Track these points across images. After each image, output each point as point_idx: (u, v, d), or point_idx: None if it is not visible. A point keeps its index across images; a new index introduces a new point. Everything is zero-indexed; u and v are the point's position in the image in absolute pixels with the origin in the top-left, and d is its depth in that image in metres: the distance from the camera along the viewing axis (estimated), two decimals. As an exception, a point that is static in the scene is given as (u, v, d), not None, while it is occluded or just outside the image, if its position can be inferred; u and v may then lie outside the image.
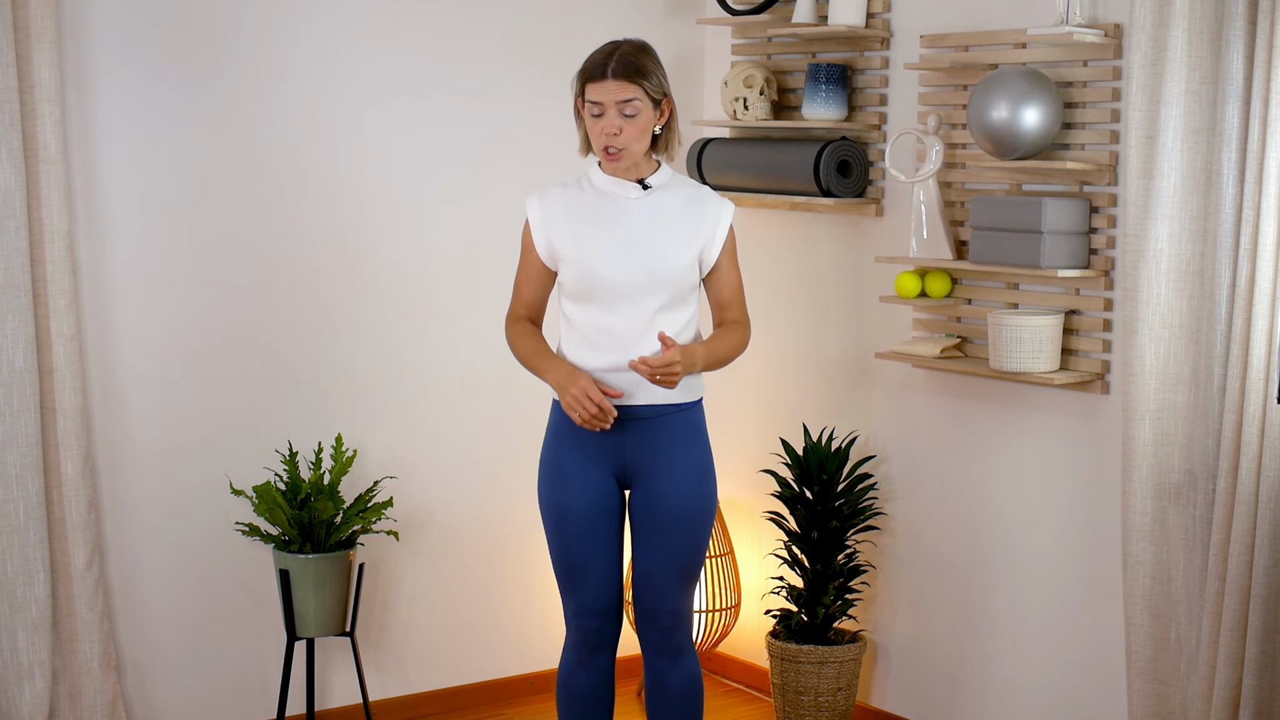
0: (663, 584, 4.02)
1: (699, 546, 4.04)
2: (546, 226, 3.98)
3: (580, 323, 3.96)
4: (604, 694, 4.16)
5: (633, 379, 3.94)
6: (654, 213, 3.95)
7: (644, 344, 3.92)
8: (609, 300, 3.92)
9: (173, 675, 4.83)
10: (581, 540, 4.01)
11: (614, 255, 3.91)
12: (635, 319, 3.92)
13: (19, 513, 4.45)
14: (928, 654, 4.97)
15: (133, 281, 4.69)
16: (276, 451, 4.90)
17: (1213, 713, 3.97)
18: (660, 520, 3.99)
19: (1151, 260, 4.05)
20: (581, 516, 4.00)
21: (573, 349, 3.98)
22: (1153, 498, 4.12)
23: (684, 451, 4.00)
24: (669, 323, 3.94)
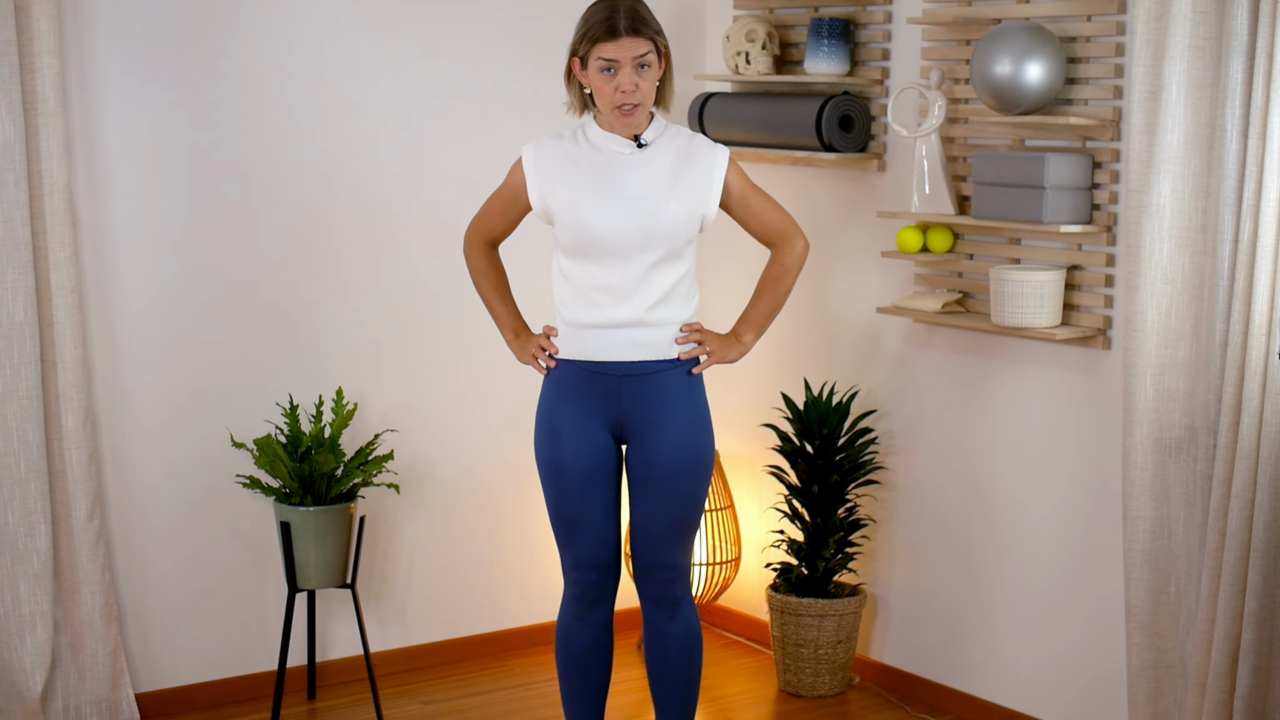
0: (660, 538, 4.04)
1: (696, 501, 4.05)
2: (541, 180, 3.98)
3: (575, 278, 3.96)
4: (602, 648, 4.17)
5: (627, 336, 3.95)
6: (649, 169, 3.94)
7: (639, 299, 3.93)
8: (603, 257, 3.92)
9: (174, 626, 4.85)
10: (578, 495, 4.02)
11: (609, 212, 3.90)
12: (630, 275, 3.92)
13: (20, 465, 4.45)
14: (927, 607, 4.99)
15: (133, 235, 4.68)
16: (277, 404, 4.90)
17: (1211, 666, 3.99)
18: (657, 475, 4.00)
19: (1154, 216, 4.05)
20: (578, 471, 4.00)
21: (568, 304, 3.98)
22: (1153, 453, 4.12)
23: (680, 406, 4.00)
24: (663, 277, 3.94)
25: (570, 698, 4.22)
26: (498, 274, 4.18)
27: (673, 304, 3.97)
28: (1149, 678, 4.20)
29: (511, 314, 4.16)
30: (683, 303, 4.00)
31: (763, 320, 4.13)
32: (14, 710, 4.49)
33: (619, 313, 3.93)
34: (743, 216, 4.06)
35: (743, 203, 4.04)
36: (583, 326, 3.97)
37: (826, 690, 5.04)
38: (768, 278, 4.12)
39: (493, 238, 4.15)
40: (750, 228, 4.09)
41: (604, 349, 3.96)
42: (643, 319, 3.94)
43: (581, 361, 3.99)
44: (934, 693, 4.96)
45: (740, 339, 4.11)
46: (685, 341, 4.00)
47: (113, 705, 4.66)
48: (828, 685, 5.03)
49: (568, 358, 4.01)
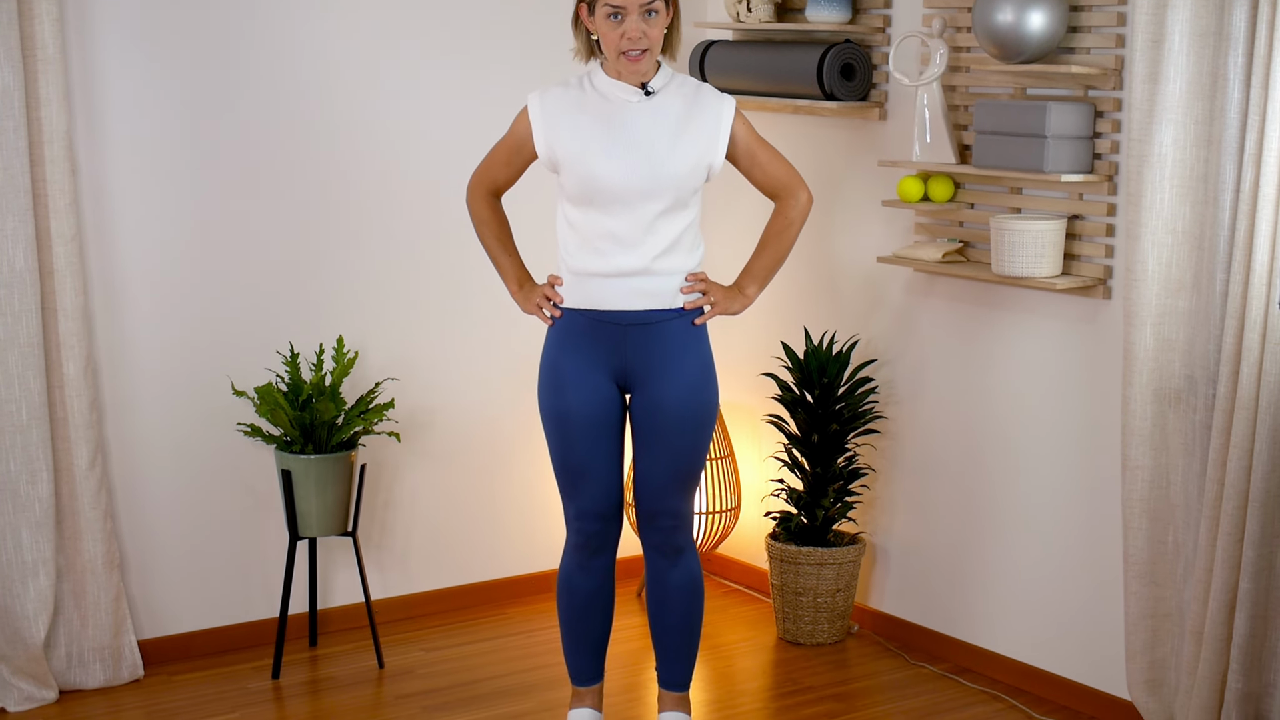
0: (663, 487, 4.05)
1: (699, 450, 4.05)
2: (548, 128, 3.96)
3: (581, 226, 3.96)
4: (604, 595, 4.20)
5: (632, 284, 3.95)
6: (655, 117, 3.93)
7: (644, 247, 3.93)
8: (609, 205, 3.91)
9: (176, 574, 4.87)
10: (582, 444, 4.03)
11: (616, 160, 3.89)
12: (636, 223, 3.92)
13: (21, 412, 4.46)
14: (926, 556, 5.01)
15: (133, 182, 4.68)
16: (278, 353, 4.91)
17: (1209, 616, 4.01)
18: (661, 425, 4.01)
19: (1155, 165, 4.04)
20: (582, 421, 4.01)
21: (574, 252, 3.98)
22: (1153, 402, 4.13)
23: (684, 356, 4.01)
24: (669, 227, 3.94)
25: (572, 644, 4.25)
26: (500, 224, 4.17)
27: (678, 253, 3.97)
28: (1146, 626, 4.22)
29: (515, 264, 4.16)
30: (688, 252, 4.00)
31: (766, 273, 4.13)
32: (17, 656, 4.51)
33: (624, 261, 3.93)
34: (748, 168, 4.06)
35: (749, 154, 4.04)
36: (588, 275, 3.97)
37: (825, 638, 5.06)
38: (771, 230, 4.11)
39: (496, 188, 4.14)
40: (755, 179, 4.08)
41: (609, 298, 3.96)
42: (648, 268, 3.94)
43: (586, 310, 4.00)
44: (932, 641, 4.98)
45: (744, 291, 4.11)
46: (690, 291, 4.01)
47: (115, 652, 4.68)
48: (826, 633, 5.05)
49: (573, 306, 4.01)
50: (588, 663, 4.27)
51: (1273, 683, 3.98)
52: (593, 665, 4.28)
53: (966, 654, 4.88)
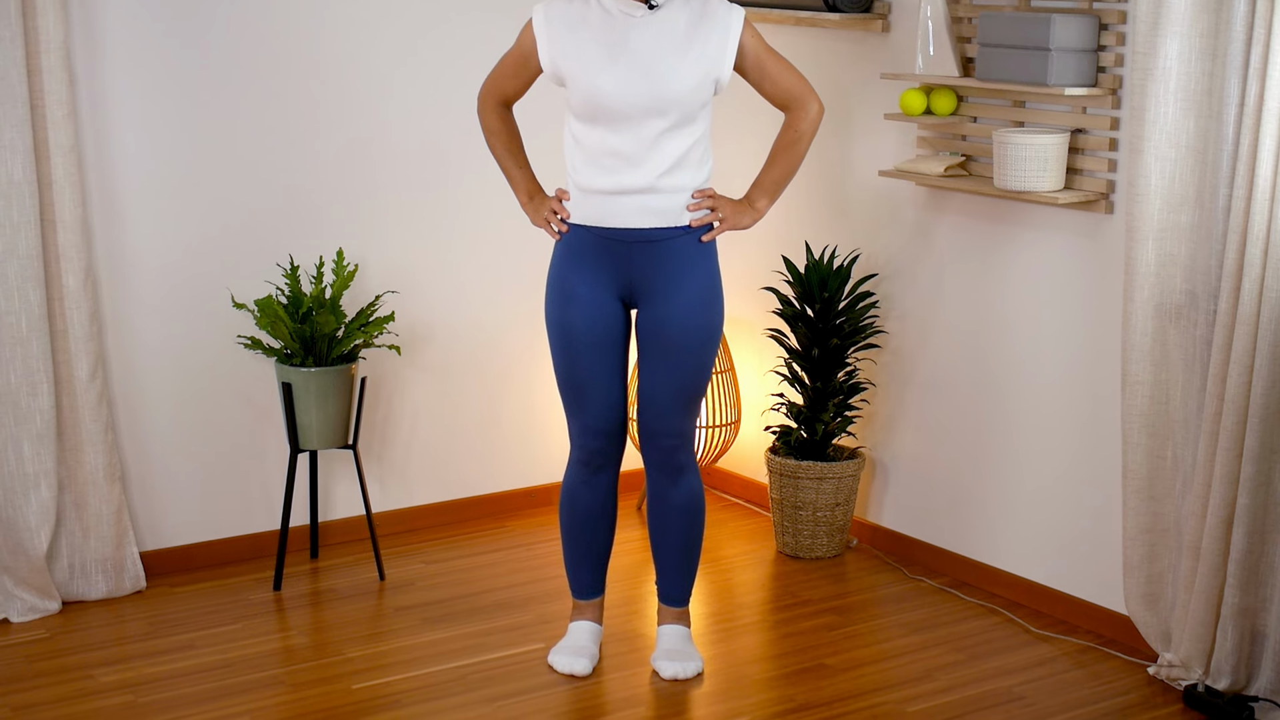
0: (666, 405, 4.05)
1: (703, 369, 4.06)
2: (551, 43, 3.94)
3: (587, 143, 3.94)
4: (606, 511, 4.22)
5: (638, 202, 3.93)
6: (660, 32, 3.90)
7: (650, 165, 3.91)
8: (615, 121, 3.89)
9: (177, 486, 4.88)
10: (586, 358, 4.03)
11: (620, 77, 3.86)
12: (641, 140, 3.90)
13: (21, 324, 4.46)
14: (926, 471, 5.02)
15: (131, 94, 4.65)
16: (278, 265, 4.90)
17: (1206, 530, 4.02)
18: (665, 342, 4.01)
19: (1160, 79, 4.01)
20: (587, 335, 4.01)
21: (580, 168, 3.97)
22: (1153, 318, 4.12)
23: (690, 274, 4.00)
24: (675, 143, 3.92)
25: (574, 558, 4.27)
26: (511, 135, 4.16)
27: (685, 170, 3.95)
28: (1144, 541, 4.23)
29: (525, 176, 4.15)
30: (696, 169, 3.98)
31: (776, 186, 4.11)
32: (20, 567, 4.54)
33: (630, 178, 3.91)
34: (758, 80, 4.02)
35: (758, 66, 3.99)
36: (594, 192, 3.95)
37: (824, 552, 5.08)
38: (782, 142, 4.08)
39: (505, 98, 4.12)
40: (765, 91, 4.04)
41: (615, 215, 3.95)
42: (654, 185, 3.92)
43: (592, 227, 3.99)
44: (930, 555, 5.00)
45: (754, 205, 4.09)
46: (698, 208, 3.99)
47: (117, 563, 4.70)
48: (825, 547, 5.07)
49: (579, 222, 4.00)
50: (589, 577, 4.30)
51: (1269, 597, 4.00)
52: (594, 579, 4.30)
53: (964, 568, 4.90)
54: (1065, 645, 4.47)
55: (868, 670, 4.32)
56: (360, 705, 4.09)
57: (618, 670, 4.30)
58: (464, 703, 4.10)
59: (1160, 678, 4.25)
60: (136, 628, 4.54)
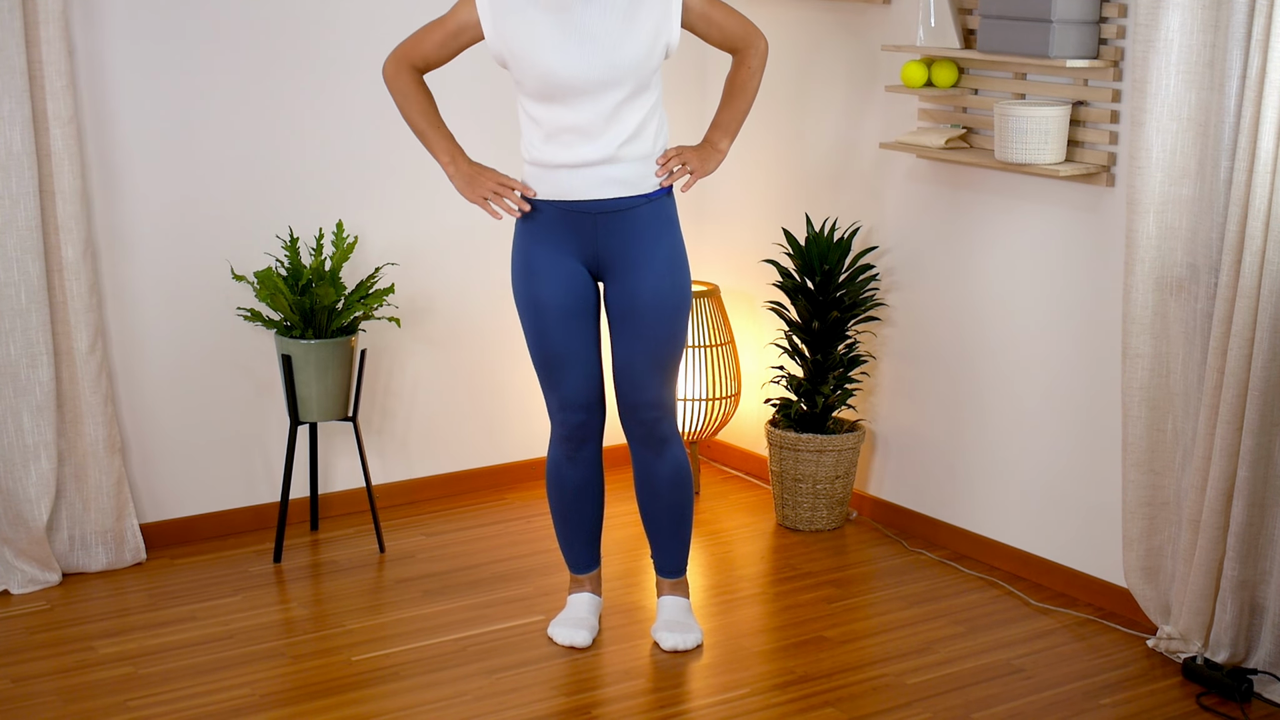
0: (642, 377, 4.05)
1: (676, 337, 4.05)
2: (496, 21, 3.88)
3: (544, 120, 3.91)
4: (593, 484, 4.22)
5: (600, 173, 3.91)
6: (606, 6, 3.84)
7: (608, 137, 3.89)
8: (570, 99, 3.86)
9: (177, 458, 4.88)
10: (558, 332, 4.02)
11: (573, 54, 3.82)
12: (598, 113, 3.87)
13: (20, 296, 4.45)
14: (926, 443, 5.02)
15: (131, 64, 4.64)
16: (277, 237, 4.89)
17: (1206, 504, 4.02)
18: (635, 313, 4.00)
19: (1162, 50, 4.00)
20: (556, 308, 4.00)
21: (539, 145, 3.94)
22: (1154, 290, 4.12)
23: (655, 243, 3.99)
24: (632, 113, 3.90)
25: (565, 534, 4.29)
26: (427, 98, 4.06)
27: (644, 138, 3.94)
28: (1143, 514, 4.23)
29: (444, 137, 4.05)
30: (654, 136, 3.97)
31: (734, 124, 4.11)
32: (20, 539, 4.54)
33: (590, 151, 3.90)
34: (705, 31, 4.00)
35: (704, 18, 3.98)
36: (554, 167, 3.93)
37: (824, 525, 5.08)
38: (735, 82, 4.08)
39: (424, 65, 4.02)
40: (712, 39, 4.03)
41: (578, 188, 3.93)
42: (615, 155, 3.91)
43: (555, 201, 3.97)
44: (930, 527, 5.01)
45: (716, 147, 4.10)
46: (666, 168, 3.98)
47: (118, 535, 4.71)
48: (825, 520, 5.08)
49: (541, 198, 3.98)
50: (583, 552, 4.31)
51: (1268, 570, 4.01)
52: (588, 554, 4.31)
53: (964, 540, 4.90)
54: (1065, 618, 4.48)
55: (867, 643, 4.32)
56: (360, 677, 4.10)
57: (617, 643, 4.30)
58: (464, 674, 4.11)
59: (1159, 650, 4.26)
60: (137, 599, 4.54)
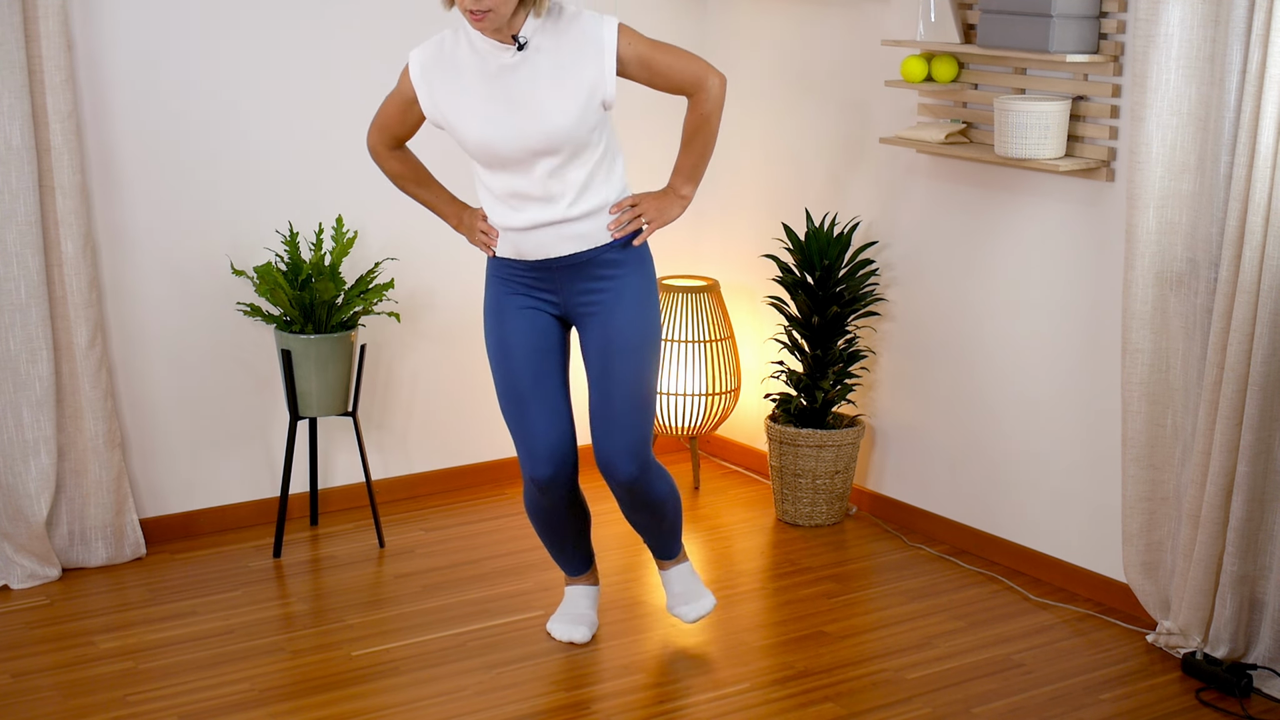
0: (624, 423, 3.92)
1: (652, 376, 3.95)
2: (430, 92, 3.78)
3: (492, 185, 3.83)
4: (573, 509, 4.13)
5: (557, 232, 3.81)
6: (535, 70, 3.70)
7: (555, 199, 3.78)
8: (508, 165, 3.76)
9: (177, 453, 4.88)
10: (525, 371, 3.94)
11: (503, 124, 3.71)
12: (540, 179, 3.77)
13: (20, 291, 4.45)
14: (925, 439, 5.02)
15: (130, 59, 4.63)
16: (277, 232, 4.89)
17: (1206, 499, 4.02)
18: (605, 354, 3.90)
19: (1162, 45, 4.00)
20: (525, 349, 3.93)
21: (492, 207, 3.87)
22: (1154, 285, 4.12)
23: (626, 284, 3.89)
24: (576, 172, 3.77)
25: (554, 549, 4.25)
26: (416, 169, 4.04)
27: (594, 192, 3.82)
28: (1143, 510, 4.23)
29: (446, 201, 4.04)
30: (604, 185, 3.84)
31: (696, 170, 3.96)
32: (20, 534, 4.54)
33: (541, 214, 3.80)
34: (648, 79, 3.82)
35: (644, 66, 3.79)
36: (511, 230, 3.85)
37: (824, 520, 5.08)
38: (691, 126, 3.91)
39: (397, 140, 3.97)
40: (658, 86, 3.85)
41: (538, 247, 3.84)
42: (567, 215, 3.80)
43: (517, 260, 3.90)
44: (930, 523, 5.01)
45: (679, 193, 3.97)
46: (619, 221, 3.86)
47: (117, 530, 4.71)
48: (825, 515, 5.08)
49: (505, 256, 3.91)
50: (573, 560, 4.28)
51: (1268, 566, 4.01)
52: (579, 560, 4.28)
53: (964, 536, 4.90)
54: (1064, 613, 4.48)
55: (867, 638, 4.32)
56: (360, 672, 4.10)
57: (617, 637, 4.30)
58: (463, 669, 4.11)
59: (1159, 646, 4.26)
60: (136, 594, 4.54)
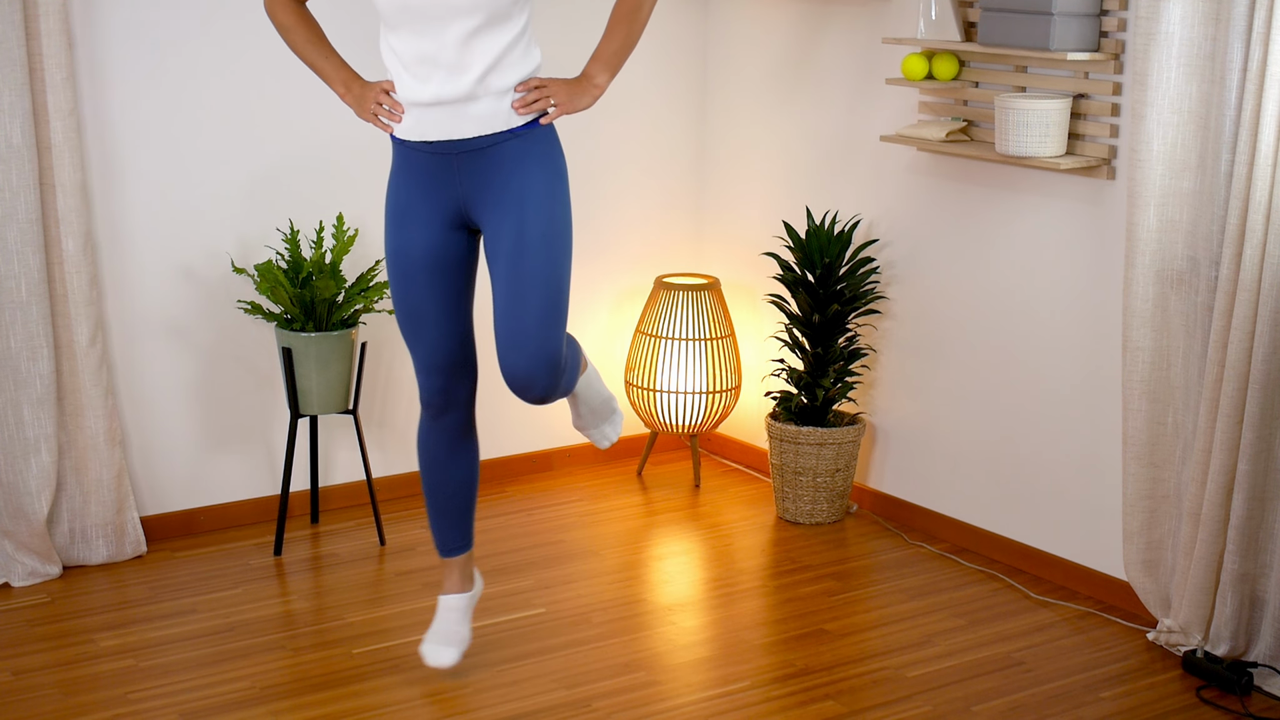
0: (531, 331, 3.69)
1: (560, 278, 3.71)
2: None
3: (400, 51, 3.63)
4: (460, 457, 3.98)
5: (458, 110, 3.63)
6: None
7: (465, 69, 3.59)
8: (419, 23, 3.56)
9: (177, 451, 4.88)
10: (421, 283, 3.77)
11: None
12: (450, 43, 3.57)
13: (21, 289, 4.45)
14: (926, 437, 5.02)
15: (131, 57, 4.63)
16: (278, 230, 4.89)
17: (1206, 497, 4.02)
18: (506, 256, 3.68)
19: (1163, 43, 4.00)
20: (422, 261, 3.75)
21: (399, 76, 3.66)
22: (1155, 284, 4.12)
23: (524, 179, 3.68)
24: (490, 43, 3.58)
25: (432, 510, 4.05)
26: (310, 26, 3.81)
27: (504, 71, 3.63)
28: (1144, 508, 4.23)
29: (336, 65, 3.80)
30: (516, 66, 3.64)
31: (617, 58, 3.78)
32: (20, 532, 4.54)
33: (446, 86, 3.60)
34: None
35: None
36: (413, 105, 3.65)
37: (824, 518, 5.08)
38: (621, 10, 3.77)
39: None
40: None
41: (436, 127, 3.66)
42: (472, 92, 3.61)
43: (417, 143, 3.71)
44: (930, 520, 5.01)
45: (593, 81, 3.77)
46: (524, 100, 3.65)
47: (118, 528, 4.71)
48: (826, 513, 5.08)
49: (404, 138, 3.72)
50: (450, 531, 4.05)
51: (1269, 564, 4.01)
52: (456, 533, 4.06)
53: (964, 534, 4.90)
54: (1065, 611, 4.48)
55: (868, 635, 4.32)
56: (361, 670, 4.10)
57: (617, 635, 4.30)
58: (464, 667, 4.11)
59: (1159, 643, 4.26)
60: (137, 592, 4.55)
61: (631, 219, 5.57)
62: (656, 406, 5.38)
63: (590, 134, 5.39)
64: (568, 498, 5.32)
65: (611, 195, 5.50)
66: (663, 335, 5.34)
